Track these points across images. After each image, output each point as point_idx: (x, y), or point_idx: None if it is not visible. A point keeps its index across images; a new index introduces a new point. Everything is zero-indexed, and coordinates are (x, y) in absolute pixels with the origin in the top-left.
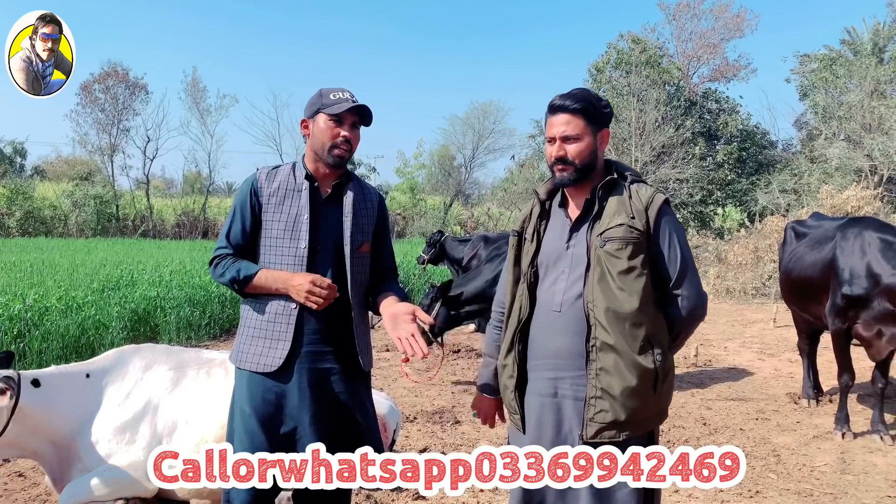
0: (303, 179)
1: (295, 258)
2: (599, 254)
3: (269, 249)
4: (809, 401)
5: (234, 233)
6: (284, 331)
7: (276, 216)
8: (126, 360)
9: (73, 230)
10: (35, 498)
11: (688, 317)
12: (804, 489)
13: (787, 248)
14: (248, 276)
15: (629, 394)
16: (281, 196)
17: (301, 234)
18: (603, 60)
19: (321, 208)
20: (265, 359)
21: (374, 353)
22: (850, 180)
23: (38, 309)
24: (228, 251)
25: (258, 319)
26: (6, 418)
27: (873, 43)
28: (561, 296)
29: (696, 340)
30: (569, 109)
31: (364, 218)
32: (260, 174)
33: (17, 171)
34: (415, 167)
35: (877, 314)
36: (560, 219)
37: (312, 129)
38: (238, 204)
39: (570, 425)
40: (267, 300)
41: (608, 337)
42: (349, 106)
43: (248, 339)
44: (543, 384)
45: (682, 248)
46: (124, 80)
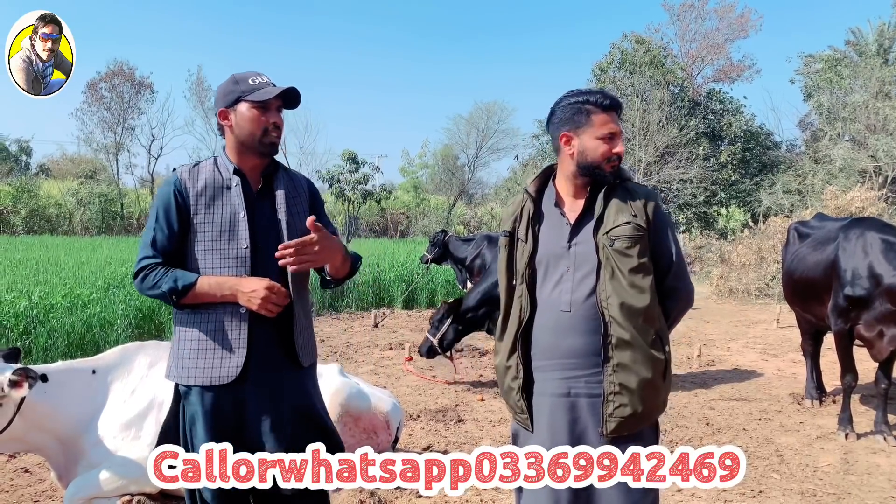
0: (231, 174)
1: (237, 260)
2: (609, 252)
3: (204, 254)
4: (812, 401)
5: (160, 240)
6: (237, 338)
7: (207, 217)
8: (131, 357)
9: (77, 228)
10: (41, 494)
11: (682, 306)
12: (807, 490)
13: (789, 249)
14: (188, 286)
15: (645, 386)
16: (210, 195)
17: (240, 233)
18: (607, 61)
19: (255, 203)
20: (217, 371)
21: (378, 352)
22: (855, 181)
23: (43, 306)
24: (157, 260)
25: (201, 331)
26: (13, 412)
27: (878, 44)
28: (569, 295)
29: (700, 340)
30: (617, 108)
31: (299, 206)
32: (181, 173)
33: (23, 170)
34: (419, 166)
35: (878, 315)
36: (556, 218)
37: (234, 119)
38: (161, 208)
39: (586, 423)
40: (211, 309)
41: (624, 333)
42: (277, 92)
43: (191, 353)
44: (554, 384)
45: (676, 242)
46: (130, 79)
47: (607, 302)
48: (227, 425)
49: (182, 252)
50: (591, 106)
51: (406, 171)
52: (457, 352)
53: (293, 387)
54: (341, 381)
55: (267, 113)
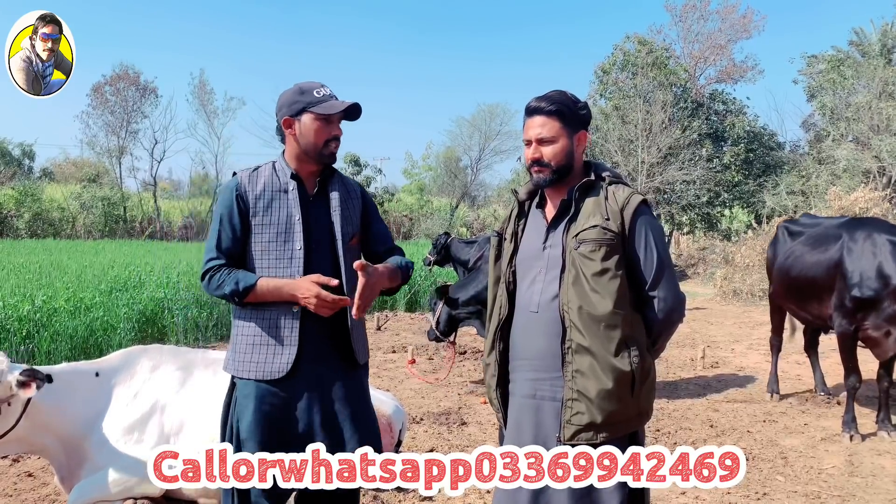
0: (288, 179)
1: (291, 260)
2: (574, 255)
3: (261, 254)
4: (773, 395)
5: (224, 241)
6: (289, 335)
7: (265, 219)
8: (134, 361)
9: (81, 232)
10: (44, 498)
11: (665, 319)
12: (812, 491)
13: (780, 247)
14: (249, 287)
15: (605, 396)
16: (268, 198)
17: (295, 234)
18: (609, 62)
19: (310, 207)
20: (270, 366)
21: (381, 355)
22: (858, 182)
23: (46, 310)
24: (221, 261)
25: (258, 326)
26: (20, 412)
27: (881, 44)
28: (538, 296)
29: (703, 342)
30: (544, 111)
31: (351, 210)
32: (241, 177)
33: (26, 173)
34: (423, 168)
35: (886, 315)
36: (538, 219)
37: (298, 128)
38: (223, 211)
39: (549, 427)
40: (266, 306)
41: (583, 339)
42: (344, 107)
43: (247, 348)
44: (523, 385)
45: (659, 249)
46: (135, 83)
47: (568, 306)
48: (276, 419)
49: (244, 252)
50: (524, 113)
51: (409, 173)
52: (460, 354)
53: (346, 385)
54: None
55: (330, 125)
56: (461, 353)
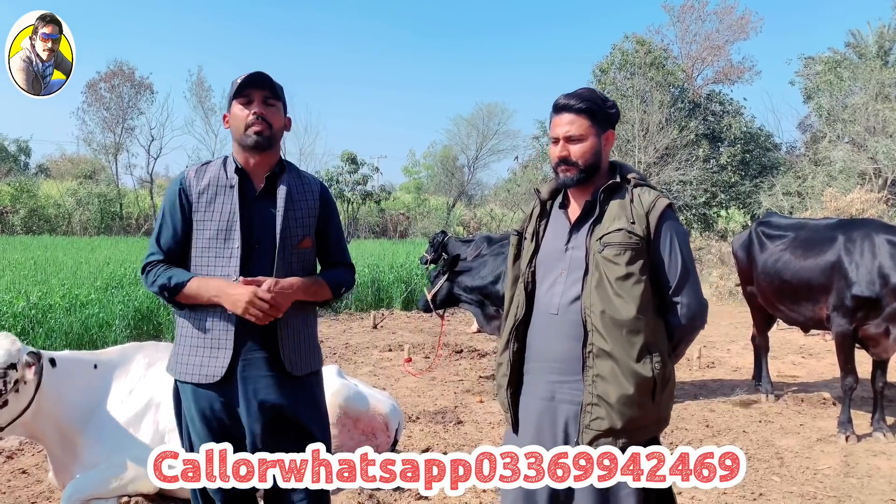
0: (233, 174)
1: (229, 259)
2: (598, 259)
3: (201, 251)
4: (768, 395)
5: (164, 237)
6: (224, 339)
7: (206, 215)
8: (129, 358)
9: (76, 228)
10: (38, 495)
11: (687, 325)
12: (807, 492)
13: (758, 249)
14: (179, 285)
15: (625, 402)
16: (211, 194)
17: (234, 233)
18: (607, 62)
19: (255, 203)
20: (206, 369)
21: (377, 353)
22: (855, 183)
23: (41, 307)
24: (160, 257)
25: (196, 328)
26: (32, 394)
27: (878, 45)
28: (559, 298)
29: (699, 343)
30: (573, 109)
31: (303, 210)
32: (188, 172)
33: (22, 170)
34: (424, 166)
35: (886, 315)
36: (560, 220)
37: (230, 120)
38: (167, 206)
39: (568, 431)
40: (203, 309)
41: (605, 343)
42: (244, 78)
43: (186, 350)
44: (541, 387)
45: (684, 255)
46: (130, 80)
47: (590, 309)
48: (219, 423)
49: (186, 249)
50: (552, 110)
51: (409, 170)
52: (456, 353)
53: (280, 393)
54: (340, 382)
55: (249, 105)
56: (457, 353)
